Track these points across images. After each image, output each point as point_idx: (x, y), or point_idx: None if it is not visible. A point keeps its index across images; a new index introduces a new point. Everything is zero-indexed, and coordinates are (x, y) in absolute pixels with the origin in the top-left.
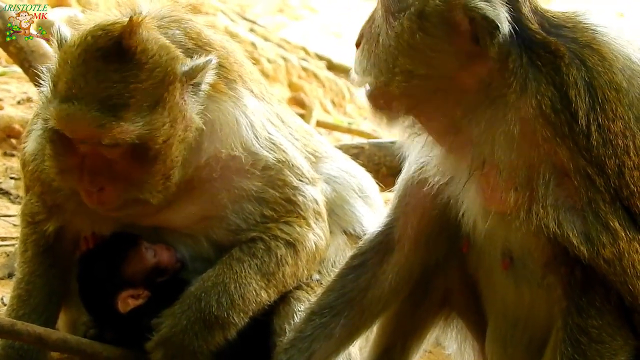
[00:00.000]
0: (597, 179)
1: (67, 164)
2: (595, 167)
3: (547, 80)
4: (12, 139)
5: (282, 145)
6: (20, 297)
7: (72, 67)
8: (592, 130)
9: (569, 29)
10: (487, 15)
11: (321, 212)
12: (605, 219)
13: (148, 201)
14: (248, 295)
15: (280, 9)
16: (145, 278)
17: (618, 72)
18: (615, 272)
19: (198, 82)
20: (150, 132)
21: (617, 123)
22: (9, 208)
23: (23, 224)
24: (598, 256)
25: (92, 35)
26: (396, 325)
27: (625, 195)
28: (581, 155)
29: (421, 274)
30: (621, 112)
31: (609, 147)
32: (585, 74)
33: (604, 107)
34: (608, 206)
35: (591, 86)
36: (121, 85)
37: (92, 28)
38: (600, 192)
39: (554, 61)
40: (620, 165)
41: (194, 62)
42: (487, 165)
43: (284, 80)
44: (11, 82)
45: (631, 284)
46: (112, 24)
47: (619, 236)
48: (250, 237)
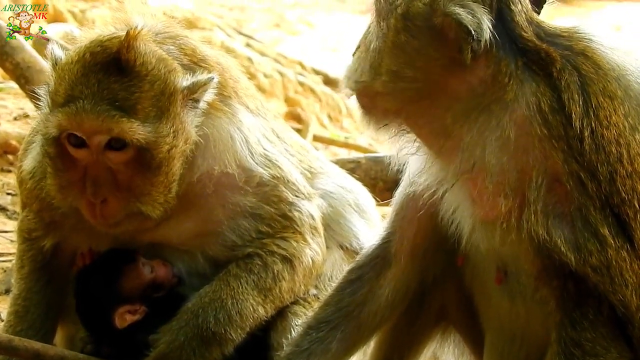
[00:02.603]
0: (588, 184)
1: (68, 179)
2: (588, 172)
3: (545, 82)
4: (8, 155)
5: (278, 161)
6: (17, 313)
7: (72, 79)
8: (585, 135)
9: (564, 38)
10: (462, 22)
11: (317, 228)
12: (595, 225)
13: (148, 215)
14: (245, 311)
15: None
16: (142, 294)
17: (613, 80)
18: (604, 280)
19: (197, 98)
20: (157, 139)
21: (610, 130)
22: (6, 224)
23: (20, 240)
24: (585, 264)
25: (90, 52)
26: (393, 340)
27: (616, 202)
28: (574, 159)
29: (418, 288)
30: (615, 120)
31: (602, 153)
32: (578, 79)
33: (597, 114)
34: (598, 212)
35: (585, 92)
36: (125, 94)
37: (89, 44)
38: (591, 198)
39: (546, 67)
40: (612, 172)
41: (195, 77)
42: (476, 170)
43: (281, 95)
44: (7, 98)
45: (621, 293)
46: (109, 39)
47: (607, 243)
48: (247, 253)
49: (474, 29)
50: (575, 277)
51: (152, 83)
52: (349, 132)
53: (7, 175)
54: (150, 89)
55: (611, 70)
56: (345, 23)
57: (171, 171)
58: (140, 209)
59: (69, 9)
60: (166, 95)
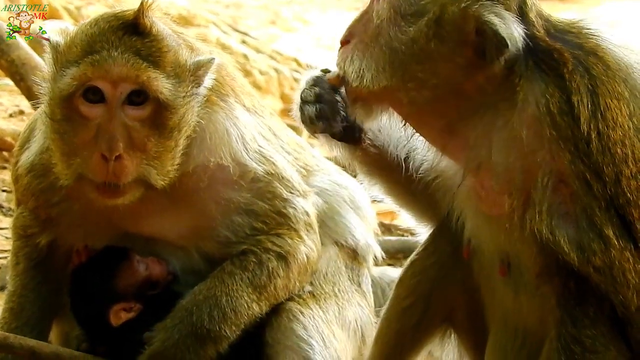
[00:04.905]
0: (594, 185)
1: (76, 142)
2: (593, 173)
3: (554, 83)
4: (3, 152)
5: (272, 158)
6: (12, 310)
7: (89, 39)
8: (592, 136)
9: (573, 35)
10: (498, 32)
11: (312, 224)
12: (599, 226)
13: (153, 184)
14: (240, 308)
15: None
16: (137, 291)
17: (621, 81)
18: (606, 280)
19: (200, 78)
20: (175, 99)
21: (617, 131)
22: (1, 221)
23: (15, 237)
24: (588, 264)
25: (103, 19)
26: (397, 341)
27: (621, 203)
28: (581, 160)
29: (424, 286)
30: (621, 121)
31: (608, 154)
32: (589, 81)
33: (605, 115)
34: (603, 213)
35: (594, 93)
36: (147, 50)
37: (101, 15)
38: (596, 199)
39: (557, 67)
40: (617, 173)
41: (199, 57)
42: (483, 169)
43: (276, 92)
44: (3, 95)
45: (622, 294)
46: (121, 12)
47: (611, 244)
48: (242, 250)
49: (509, 40)
50: (577, 276)
51: (168, 47)
52: None
53: (2, 172)
54: (168, 52)
55: (619, 70)
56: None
57: (180, 138)
58: (149, 173)
59: (64, 5)
60: (180, 64)
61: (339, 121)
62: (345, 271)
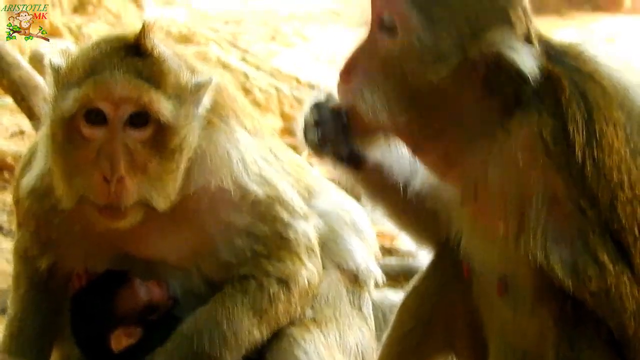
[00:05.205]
0: (588, 211)
1: (77, 163)
2: (588, 198)
3: (549, 112)
4: (4, 172)
5: (273, 181)
6: (13, 333)
7: (91, 60)
8: (587, 163)
9: (571, 57)
10: (521, 70)
11: (314, 248)
12: (594, 251)
13: (155, 206)
14: (240, 333)
15: (272, 36)
16: (138, 315)
17: (618, 107)
18: (602, 305)
19: (200, 99)
20: (177, 120)
21: (612, 157)
22: (2, 242)
23: (16, 261)
24: (584, 289)
25: (105, 41)
26: None
27: (616, 228)
28: (575, 187)
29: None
30: (617, 147)
31: (603, 180)
32: (585, 107)
33: (600, 142)
34: (598, 238)
35: (590, 120)
36: (148, 71)
37: (102, 37)
38: (591, 224)
39: (554, 93)
40: (613, 198)
41: (199, 77)
42: (480, 193)
43: (276, 110)
44: (3, 114)
45: (619, 318)
46: (122, 34)
47: (606, 269)
48: (243, 274)
49: (530, 75)
50: (574, 300)
51: (170, 69)
52: None
53: (3, 193)
54: (169, 73)
55: (616, 94)
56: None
57: (181, 160)
58: (150, 195)
59: (65, 23)
60: (181, 85)
61: (343, 145)
62: (346, 295)
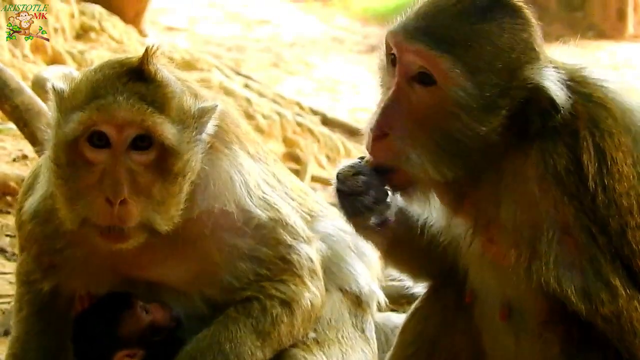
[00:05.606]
0: (599, 238)
1: (80, 186)
2: (599, 226)
3: (564, 142)
4: (7, 197)
5: (277, 205)
6: (16, 356)
7: (94, 84)
8: (598, 191)
9: (578, 84)
10: (555, 102)
11: (316, 271)
12: (606, 276)
13: (157, 229)
14: (243, 355)
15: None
16: (141, 337)
17: (627, 133)
18: (613, 329)
19: (203, 125)
20: (180, 144)
21: (622, 183)
22: (5, 266)
23: (18, 283)
24: (596, 314)
25: (108, 66)
26: None
27: (627, 254)
28: (585, 215)
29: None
30: (627, 172)
31: (613, 207)
32: (598, 137)
33: (610, 170)
34: (609, 264)
35: (600, 149)
36: (152, 95)
37: (105, 62)
38: (601, 251)
39: (571, 123)
40: (623, 224)
41: (203, 103)
42: (492, 224)
43: (279, 136)
44: (6, 139)
45: (629, 342)
46: (125, 58)
47: (618, 294)
48: (245, 297)
49: (562, 106)
50: (581, 323)
51: (173, 93)
52: None
53: (6, 217)
54: (173, 98)
55: (624, 119)
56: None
57: (184, 184)
58: (153, 218)
59: (67, 50)
60: (184, 110)
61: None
62: (349, 317)
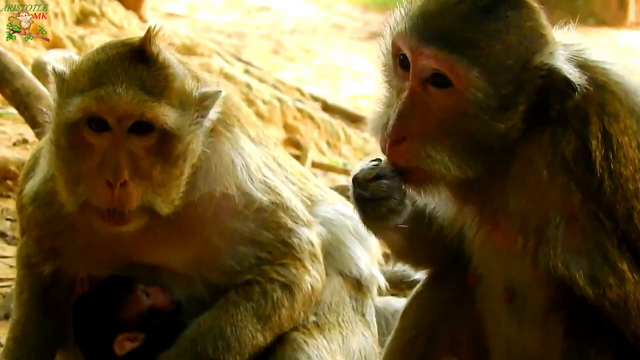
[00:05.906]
0: (606, 223)
1: (81, 169)
2: (605, 211)
3: (574, 128)
4: (7, 181)
5: (277, 188)
6: (16, 339)
7: (95, 67)
8: (605, 177)
9: (583, 67)
10: (570, 80)
11: (317, 254)
12: (613, 261)
13: (158, 211)
14: (244, 338)
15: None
16: (141, 321)
17: (631, 116)
18: (620, 313)
19: (206, 110)
20: (181, 128)
21: (628, 167)
22: (5, 249)
23: (19, 267)
24: (604, 297)
25: (110, 46)
26: None
27: (633, 238)
28: (592, 200)
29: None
30: (632, 156)
31: (620, 191)
32: (605, 121)
33: (616, 154)
34: (616, 249)
35: (607, 134)
36: (153, 81)
37: (108, 42)
38: (608, 235)
39: (582, 108)
40: (629, 209)
41: (205, 88)
42: (499, 213)
43: (279, 122)
44: (7, 123)
45: (635, 325)
46: (127, 39)
47: (626, 277)
48: (246, 280)
49: (575, 81)
50: (584, 309)
51: (175, 76)
52: (348, 159)
53: (6, 201)
54: (174, 80)
55: (627, 100)
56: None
57: (185, 167)
58: (154, 200)
59: (68, 35)
60: (186, 93)
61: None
62: (349, 301)
